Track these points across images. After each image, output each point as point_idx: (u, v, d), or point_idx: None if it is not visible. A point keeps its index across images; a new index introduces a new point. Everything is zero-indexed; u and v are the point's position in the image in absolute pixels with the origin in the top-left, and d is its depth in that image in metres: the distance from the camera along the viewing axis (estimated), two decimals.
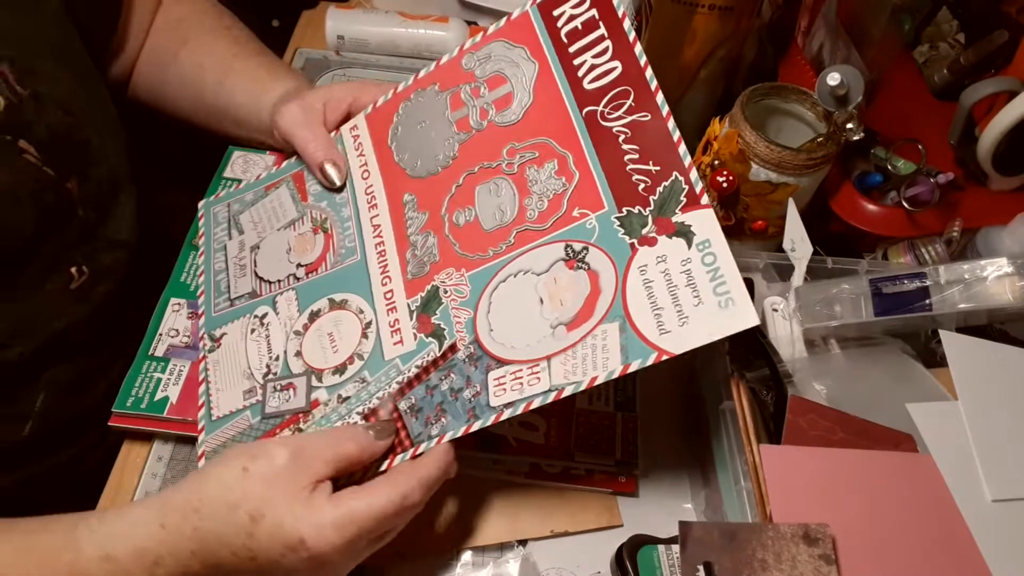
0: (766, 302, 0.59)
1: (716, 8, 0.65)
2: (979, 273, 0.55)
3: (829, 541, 0.45)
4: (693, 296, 0.43)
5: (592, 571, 0.52)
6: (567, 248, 0.48)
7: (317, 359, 0.52)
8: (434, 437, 0.46)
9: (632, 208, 0.47)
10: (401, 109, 0.57)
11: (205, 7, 0.71)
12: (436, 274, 0.51)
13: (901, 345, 0.59)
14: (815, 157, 0.60)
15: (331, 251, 0.56)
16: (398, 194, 0.55)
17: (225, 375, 0.54)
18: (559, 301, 0.47)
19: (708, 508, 0.54)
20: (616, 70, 0.50)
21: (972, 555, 0.47)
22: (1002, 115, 0.59)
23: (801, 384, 0.56)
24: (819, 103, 0.61)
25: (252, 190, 0.64)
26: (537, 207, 0.50)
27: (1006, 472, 0.50)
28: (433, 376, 0.48)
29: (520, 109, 0.52)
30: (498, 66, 0.54)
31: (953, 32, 0.78)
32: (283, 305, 0.55)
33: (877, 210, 0.64)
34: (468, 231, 0.51)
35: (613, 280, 0.45)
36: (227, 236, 0.61)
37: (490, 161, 0.52)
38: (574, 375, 0.44)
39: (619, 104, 0.49)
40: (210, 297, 0.58)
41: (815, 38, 0.74)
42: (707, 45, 0.68)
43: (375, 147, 0.58)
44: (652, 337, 0.43)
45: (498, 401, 0.45)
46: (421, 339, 0.50)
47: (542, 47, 0.52)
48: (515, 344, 0.47)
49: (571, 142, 0.50)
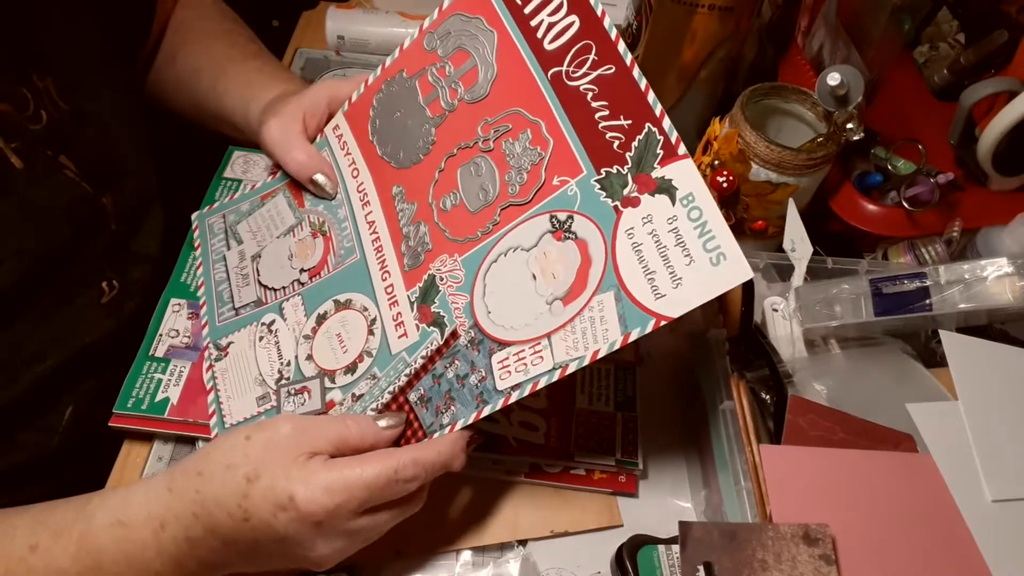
0: (766, 302, 0.59)
1: (716, 8, 0.65)
2: (979, 273, 0.55)
3: (829, 541, 0.45)
4: (684, 255, 0.42)
5: (592, 571, 0.52)
6: (552, 219, 0.47)
7: (328, 361, 0.53)
8: (446, 426, 0.46)
9: (611, 168, 0.46)
10: (375, 101, 0.57)
11: (209, 11, 0.71)
12: (431, 262, 0.51)
13: (901, 345, 0.59)
14: (815, 157, 0.60)
15: (331, 253, 0.57)
16: (387, 187, 0.55)
17: (235, 383, 0.55)
18: (551, 275, 0.46)
19: (708, 508, 0.54)
20: (574, 24, 0.48)
21: (972, 555, 0.47)
22: (1002, 115, 0.59)
23: (801, 384, 0.56)
24: (819, 103, 0.61)
25: (247, 200, 0.64)
26: (517, 181, 0.49)
27: (1006, 472, 0.50)
28: (438, 365, 0.48)
29: (487, 83, 0.51)
30: (459, 41, 0.53)
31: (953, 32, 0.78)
32: (290, 311, 0.56)
33: (877, 210, 0.64)
34: (455, 215, 0.51)
35: (602, 247, 0.45)
36: (225, 247, 0.61)
37: (467, 141, 0.51)
38: (576, 350, 0.43)
39: (583, 60, 0.47)
40: (213, 307, 0.58)
41: (815, 38, 0.74)
42: (707, 45, 0.68)
43: (359, 143, 0.58)
44: (648, 303, 0.42)
45: (504, 384, 0.45)
46: (423, 329, 0.50)
47: (498, 13, 0.51)
48: (514, 324, 0.46)
49: (541, 108, 0.49)
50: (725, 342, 0.53)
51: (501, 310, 0.47)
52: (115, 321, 0.58)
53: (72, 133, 0.53)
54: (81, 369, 0.56)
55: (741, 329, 0.56)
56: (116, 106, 0.58)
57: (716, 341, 0.53)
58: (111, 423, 0.55)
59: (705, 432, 0.54)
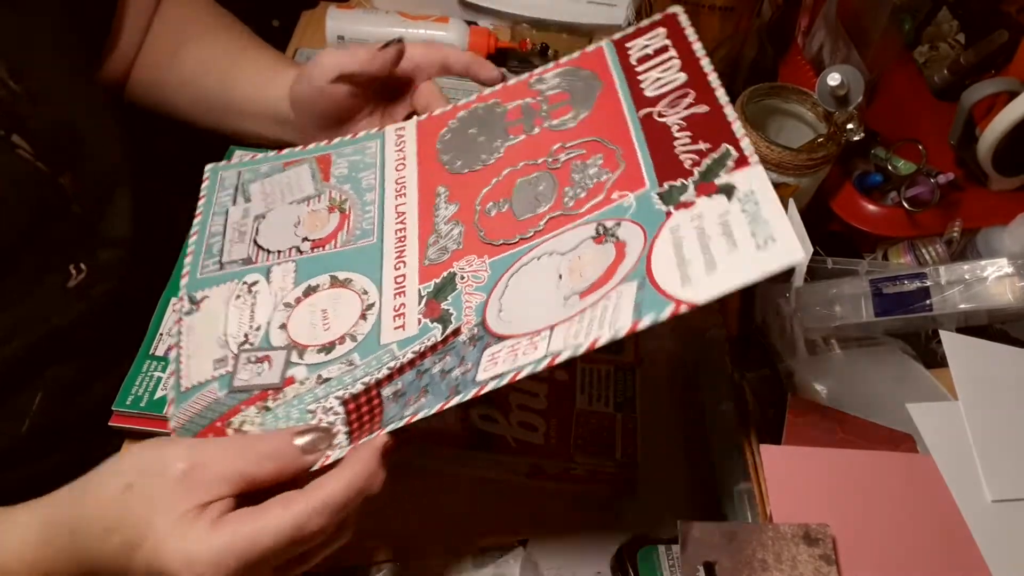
0: (766, 302, 0.59)
1: (716, 8, 0.65)
2: (979, 273, 0.55)
3: (829, 541, 0.45)
4: (728, 243, 0.39)
5: (592, 571, 0.52)
6: (599, 227, 0.45)
7: (304, 334, 0.49)
8: (406, 417, 0.42)
9: (674, 182, 0.44)
10: (457, 118, 0.57)
11: (207, 8, 0.71)
12: (456, 261, 0.49)
13: (901, 345, 0.59)
14: (815, 157, 0.60)
15: (344, 230, 0.54)
16: (431, 186, 0.54)
17: (199, 341, 0.50)
18: (579, 274, 0.44)
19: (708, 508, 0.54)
20: (680, 79, 0.50)
21: (972, 555, 0.47)
22: (1002, 115, 0.59)
23: (801, 384, 0.56)
24: (819, 103, 0.61)
25: (269, 163, 0.60)
26: (575, 195, 0.48)
27: (1006, 472, 0.50)
28: (427, 360, 0.46)
29: (575, 119, 0.52)
30: (564, 84, 0.54)
31: (953, 32, 0.78)
32: (278, 275, 0.52)
33: (877, 210, 0.64)
34: (498, 219, 0.50)
35: (641, 245, 0.43)
36: (231, 201, 0.57)
37: (535, 158, 0.51)
38: (575, 339, 0.40)
39: (677, 102, 0.48)
40: (199, 258, 0.54)
41: (815, 38, 0.74)
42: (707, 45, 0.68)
43: (419, 145, 0.57)
44: (671, 289, 0.39)
45: (485, 375, 0.42)
46: (425, 324, 0.47)
47: (610, 70, 0.53)
48: (521, 320, 0.44)
49: (623, 138, 0.49)
50: (725, 342, 0.53)
51: (514, 307, 0.45)
52: (85, 304, 0.57)
53: (25, 113, 0.52)
54: (51, 353, 0.55)
55: (741, 329, 0.56)
56: (75, 88, 0.57)
57: (716, 341, 0.53)
58: (111, 423, 0.55)
59: (705, 432, 0.54)
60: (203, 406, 0.48)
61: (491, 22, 0.90)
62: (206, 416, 0.47)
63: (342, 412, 0.44)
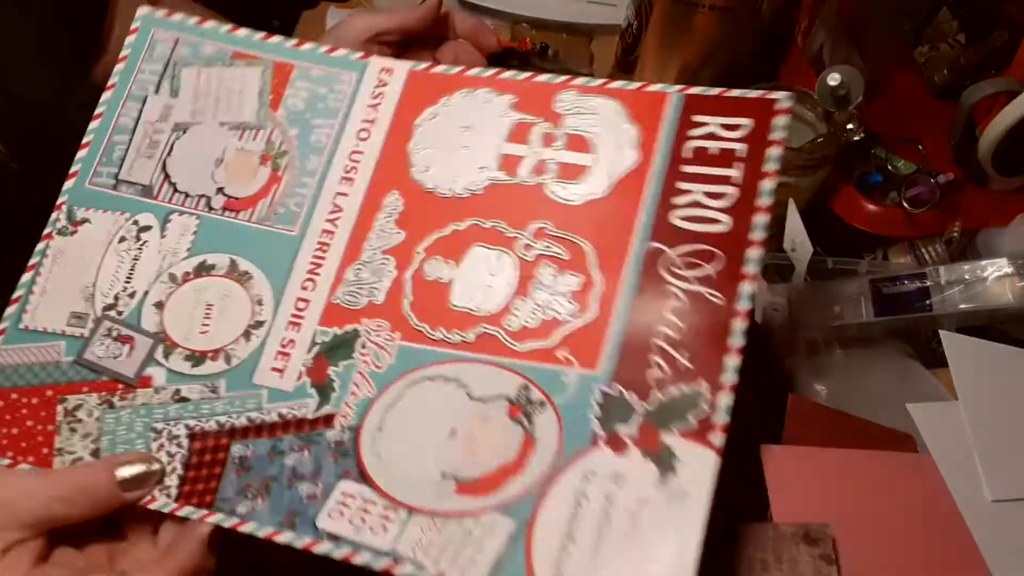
0: (766, 302, 0.59)
1: (716, 8, 0.65)
2: (979, 273, 0.55)
3: (829, 541, 0.45)
4: (621, 540, 0.33)
5: None
6: (522, 390, 0.37)
7: (178, 328, 0.42)
8: (234, 518, 0.37)
9: (627, 390, 0.36)
10: (456, 96, 0.44)
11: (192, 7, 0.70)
12: (367, 318, 0.40)
13: (901, 345, 0.59)
14: (815, 157, 0.60)
15: (268, 199, 0.44)
16: (384, 188, 0.43)
17: (62, 277, 0.43)
18: (471, 452, 0.37)
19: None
20: (721, 224, 0.38)
21: (972, 555, 0.47)
22: (1002, 115, 0.59)
23: (801, 384, 0.55)
24: (819, 103, 0.61)
25: (217, 42, 0.47)
26: (523, 320, 0.39)
27: (1006, 472, 0.50)
28: (287, 439, 0.39)
29: (583, 194, 0.41)
30: (594, 130, 0.42)
31: (953, 32, 0.78)
32: (175, 229, 0.43)
33: (877, 210, 0.64)
34: (432, 289, 0.40)
35: (547, 462, 0.35)
36: (154, 87, 0.46)
37: (509, 226, 0.41)
38: (424, 554, 0.34)
39: (696, 264, 0.37)
40: (94, 158, 0.45)
41: (815, 38, 0.74)
42: (707, 45, 0.68)
43: (397, 110, 0.45)
44: (540, 568, 0.33)
45: (324, 525, 0.36)
46: (304, 385, 0.40)
47: (657, 141, 0.40)
48: (392, 468, 0.37)
49: (613, 268, 0.39)
50: None
51: (394, 440, 0.38)
52: None
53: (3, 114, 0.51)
54: None
55: None
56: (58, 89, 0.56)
57: None
58: None
59: None
60: (37, 361, 0.42)
61: (491, 22, 0.90)
62: (37, 375, 0.41)
63: (186, 449, 0.39)
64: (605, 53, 0.89)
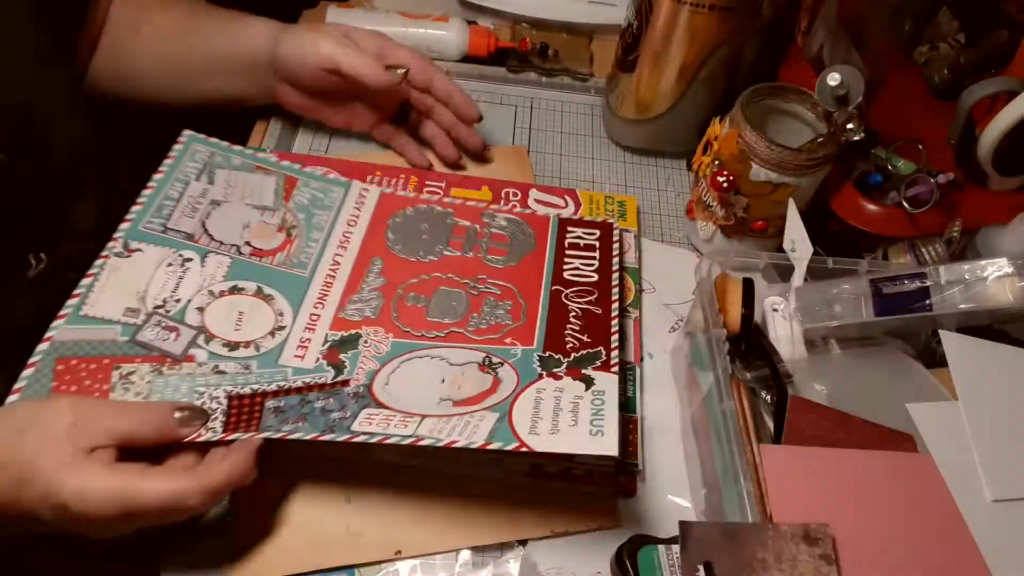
0: (766, 302, 0.59)
1: (716, 8, 0.65)
2: (979, 273, 0.55)
3: (829, 541, 0.45)
4: (571, 420, 0.49)
5: (592, 571, 0.52)
6: (487, 358, 0.55)
7: (216, 325, 0.53)
8: (280, 433, 0.48)
9: (555, 354, 0.55)
10: (412, 209, 0.65)
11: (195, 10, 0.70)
12: (366, 326, 0.56)
13: (901, 345, 0.59)
14: (815, 157, 0.60)
15: (285, 252, 0.59)
16: (369, 254, 0.61)
17: (118, 283, 0.54)
18: (458, 386, 0.53)
19: (708, 508, 0.54)
20: (592, 278, 0.61)
21: (972, 555, 0.47)
22: (1002, 115, 0.59)
23: (801, 384, 0.56)
24: (819, 103, 0.61)
25: (243, 157, 0.64)
26: (479, 323, 0.58)
27: (1006, 472, 0.50)
28: (313, 394, 0.51)
29: (505, 263, 0.62)
30: (509, 231, 0.65)
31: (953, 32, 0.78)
32: (212, 263, 0.57)
33: (877, 210, 0.64)
34: (412, 311, 0.58)
35: (512, 387, 0.52)
36: (195, 176, 0.61)
37: (461, 277, 0.61)
38: (438, 433, 0.47)
39: (582, 295, 0.60)
40: (146, 212, 0.58)
41: (815, 38, 0.74)
42: (707, 45, 0.68)
43: (374, 213, 0.64)
44: (521, 432, 0.48)
45: (359, 428, 0.48)
46: (322, 364, 0.53)
47: (547, 239, 0.65)
48: (401, 399, 0.51)
49: (532, 298, 0.60)
50: (725, 342, 0.53)
51: (398, 386, 0.52)
52: (48, 295, 0.56)
53: None
54: (14, 345, 0.54)
55: (741, 329, 0.56)
56: (38, 77, 0.56)
57: (716, 341, 0.53)
58: None
59: (705, 432, 0.54)
60: (96, 339, 0.51)
61: (491, 21, 0.90)
62: (96, 349, 0.50)
63: (224, 404, 0.49)
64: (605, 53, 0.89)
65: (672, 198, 0.77)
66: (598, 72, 0.88)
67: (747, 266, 0.60)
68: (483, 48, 0.85)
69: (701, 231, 0.70)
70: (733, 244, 0.68)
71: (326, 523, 0.52)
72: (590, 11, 0.89)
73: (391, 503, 0.54)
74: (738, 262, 0.59)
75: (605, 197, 0.71)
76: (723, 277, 0.58)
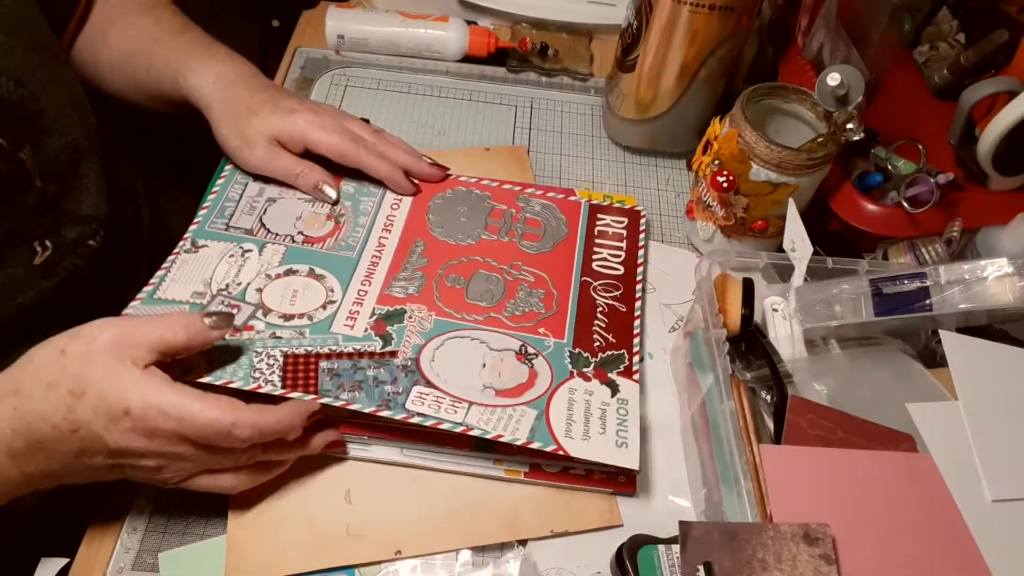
0: (766, 302, 0.59)
1: (716, 8, 0.65)
2: (979, 273, 0.55)
3: (829, 541, 0.45)
4: (600, 427, 0.53)
5: (592, 571, 0.52)
6: (523, 347, 0.58)
7: (273, 302, 0.58)
8: (340, 401, 0.51)
9: (584, 352, 0.58)
10: (451, 191, 0.69)
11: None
12: (410, 303, 0.60)
13: (901, 345, 0.59)
14: (815, 157, 0.60)
15: (334, 238, 0.64)
16: (413, 235, 0.65)
17: (187, 273, 0.59)
18: (498, 373, 0.55)
19: (708, 508, 0.54)
20: (619, 270, 0.65)
21: (972, 555, 0.47)
22: (1002, 115, 0.59)
23: (801, 384, 0.56)
24: (819, 103, 0.61)
25: None
26: (514, 309, 0.60)
27: (1006, 472, 0.50)
28: (363, 361, 0.55)
29: (539, 250, 0.65)
30: (543, 216, 0.68)
31: (953, 32, 0.78)
32: (269, 252, 0.62)
33: (877, 210, 0.64)
34: (452, 292, 0.61)
35: (547, 384, 0.55)
36: (251, 178, 0.67)
37: (497, 262, 0.64)
38: (486, 425, 0.51)
39: (609, 289, 0.63)
40: (211, 214, 0.64)
41: (815, 38, 0.74)
42: (707, 45, 0.68)
43: (416, 196, 0.68)
44: (558, 434, 0.52)
45: (413, 407, 0.52)
46: (370, 334, 0.57)
47: (578, 226, 0.68)
48: (448, 380, 0.54)
49: (563, 289, 0.63)
50: (725, 342, 0.53)
51: (444, 365, 0.55)
52: (53, 282, 0.56)
53: None
54: (20, 332, 0.54)
55: (741, 329, 0.56)
56: (34, 62, 0.56)
57: (716, 341, 0.53)
58: None
59: (705, 432, 0.54)
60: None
61: (491, 21, 0.90)
62: None
63: (280, 361, 0.53)
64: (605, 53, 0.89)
65: (672, 198, 0.77)
66: (598, 72, 0.88)
67: (747, 266, 0.60)
68: (483, 48, 0.85)
69: (701, 231, 0.70)
70: (733, 244, 0.68)
71: (326, 523, 0.52)
72: (590, 11, 0.89)
73: (391, 503, 0.54)
74: (738, 262, 0.59)
75: (605, 197, 0.71)
76: (723, 277, 0.58)
